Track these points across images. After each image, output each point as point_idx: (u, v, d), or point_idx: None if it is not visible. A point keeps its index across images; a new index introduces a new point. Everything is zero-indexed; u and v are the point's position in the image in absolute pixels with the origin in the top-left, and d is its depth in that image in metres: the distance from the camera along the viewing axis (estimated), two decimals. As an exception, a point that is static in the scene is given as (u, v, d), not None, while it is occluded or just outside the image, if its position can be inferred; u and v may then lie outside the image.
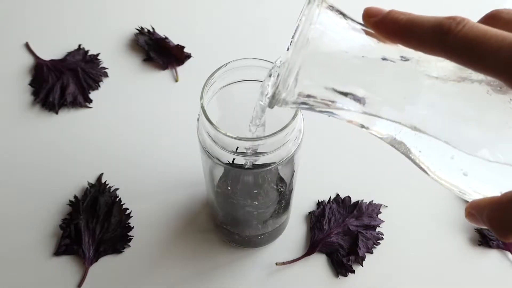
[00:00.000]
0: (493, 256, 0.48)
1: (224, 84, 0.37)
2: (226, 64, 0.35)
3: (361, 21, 0.27)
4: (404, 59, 0.26)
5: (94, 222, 0.48)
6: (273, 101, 0.27)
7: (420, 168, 0.29)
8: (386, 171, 0.53)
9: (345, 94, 0.27)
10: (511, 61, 0.21)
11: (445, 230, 0.50)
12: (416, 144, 0.27)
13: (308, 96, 0.27)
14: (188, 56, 0.59)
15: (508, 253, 0.48)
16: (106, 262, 0.47)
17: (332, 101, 0.27)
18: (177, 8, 0.64)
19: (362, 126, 0.29)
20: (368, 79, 0.27)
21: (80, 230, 0.48)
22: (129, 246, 0.48)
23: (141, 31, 0.61)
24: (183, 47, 0.59)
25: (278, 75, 0.29)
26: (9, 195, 0.51)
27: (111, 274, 0.47)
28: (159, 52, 0.59)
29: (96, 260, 0.47)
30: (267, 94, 0.31)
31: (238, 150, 0.34)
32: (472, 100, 0.26)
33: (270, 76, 0.30)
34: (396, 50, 0.26)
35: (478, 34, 0.22)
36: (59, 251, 0.47)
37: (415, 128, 0.27)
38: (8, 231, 0.49)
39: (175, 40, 0.60)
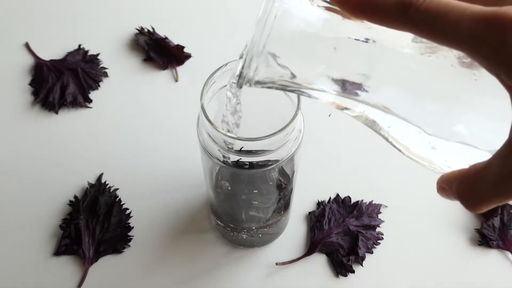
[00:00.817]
0: (493, 256, 0.48)
1: (224, 84, 0.37)
2: (226, 64, 0.35)
3: None
4: (370, 36, 0.26)
5: (94, 222, 0.48)
6: (240, 80, 0.27)
7: (394, 146, 0.29)
8: (386, 171, 0.53)
9: (312, 73, 0.27)
10: (472, 31, 0.21)
11: (445, 230, 0.50)
12: (385, 120, 0.28)
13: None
14: (188, 56, 0.59)
15: (508, 253, 0.48)
16: (106, 262, 0.47)
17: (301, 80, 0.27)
18: (177, 8, 0.64)
19: (336, 106, 0.29)
20: (334, 58, 0.27)
21: (80, 230, 0.48)
22: (129, 246, 0.48)
23: (141, 31, 0.61)
24: (183, 47, 0.59)
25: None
26: (9, 195, 0.51)
27: (111, 274, 0.47)
28: (159, 52, 0.59)
29: (96, 260, 0.47)
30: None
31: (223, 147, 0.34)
32: (437, 75, 0.26)
33: (241, 57, 0.30)
34: (362, 27, 0.26)
35: (440, 6, 0.22)
36: (59, 251, 0.47)
37: (383, 107, 0.27)
38: (8, 231, 0.49)
39: (175, 40, 0.60)
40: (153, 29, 0.61)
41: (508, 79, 0.21)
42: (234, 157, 0.35)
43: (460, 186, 0.25)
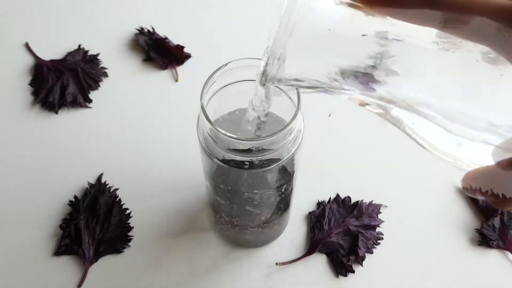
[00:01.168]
0: (493, 256, 0.48)
1: (224, 84, 0.37)
2: (226, 64, 0.35)
3: None
4: (394, 32, 0.26)
5: (94, 222, 0.48)
6: (263, 78, 0.27)
7: (418, 143, 0.28)
8: (386, 171, 0.53)
9: (336, 72, 0.27)
10: (505, 8, 0.21)
11: (445, 230, 0.50)
12: (409, 117, 0.27)
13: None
14: (188, 56, 0.59)
15: (508, 253, 0.48)
16: (106, 262, 0.47)
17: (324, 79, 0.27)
18: (177, 8, 0.64)
19: (359, 103, 0.28)
20: (357, 55, 0.26)
21: (80, 230, 0.48)
22: (129, 246, 0.48)
23: (141, 31, 0.61)
24: (183, 47, 0.59)
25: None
26: (9, 195, 0.51)
27: (111, 274, 0.47)
28: (159, 52, 0.59)
29: (96, 260, 0.47)
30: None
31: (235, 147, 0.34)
32: (461, 71, 0.25)
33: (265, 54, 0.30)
34: (386, 23, 0.26)
35: None
36: (59, 251, 0.47)
37: (406, 104, 0.27)
38: (8, 231, 0.49)
39: (175, 40, 0.60)
40: (153, 29, 0.61)
41: None
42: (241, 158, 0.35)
43: (486, 183, 0.24)
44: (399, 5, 0.24)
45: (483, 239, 0.49)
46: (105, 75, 0.59)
